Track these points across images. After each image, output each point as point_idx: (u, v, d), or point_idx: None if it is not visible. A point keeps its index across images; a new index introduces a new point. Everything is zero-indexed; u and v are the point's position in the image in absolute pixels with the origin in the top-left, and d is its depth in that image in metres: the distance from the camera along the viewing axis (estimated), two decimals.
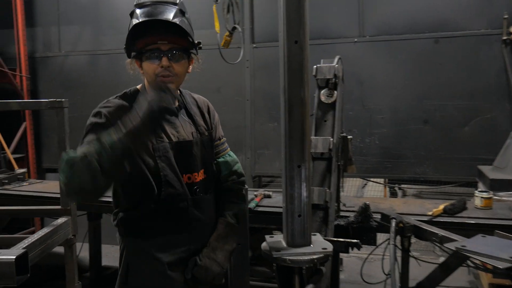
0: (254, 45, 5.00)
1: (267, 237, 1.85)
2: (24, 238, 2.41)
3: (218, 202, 2.01)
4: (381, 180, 5.64)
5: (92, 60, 5.68)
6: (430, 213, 2.93)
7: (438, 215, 2.91)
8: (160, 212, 1.80)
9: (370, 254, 2.87)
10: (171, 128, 1.85)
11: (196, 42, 1.83)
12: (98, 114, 1.75)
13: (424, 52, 4.51)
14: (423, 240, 2.34)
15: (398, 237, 2.36)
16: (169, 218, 1.82)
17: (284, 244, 1.75)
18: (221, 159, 2.03)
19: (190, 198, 1.85)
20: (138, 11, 1.74)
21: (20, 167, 5.23)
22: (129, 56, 1.82)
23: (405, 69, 4.58)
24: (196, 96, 2.05)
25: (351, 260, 4.70)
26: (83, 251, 4.46)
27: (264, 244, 1.79)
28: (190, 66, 1.87)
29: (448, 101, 4.45)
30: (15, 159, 5.45)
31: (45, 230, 2.50)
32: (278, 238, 1.82)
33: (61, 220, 2.72)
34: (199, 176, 1.90)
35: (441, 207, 2.95)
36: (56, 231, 2.60)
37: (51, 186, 4.07)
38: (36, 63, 5.93)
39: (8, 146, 5.43)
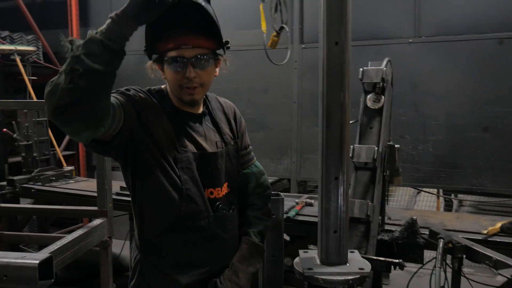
0: (303, 46, 4.85)
1: (301, 252, 1.74)
2: (59, 238, 2.41)
3: (241, 217, 1.88)
4: (435, 191, 5.32)
5: (141, 60, 5.69)
6: (485, 231, 2.68)
7: (494, 234, 2.66)
8: (179, 229, 1.67)
9: (419, 269, 2.69)
10: (195, 137, 1.71)
11: (224, 41, 1.66)
12: (126, 89, 1.66)
13: (486, 54, 4.19)
14: (475, 263, 2.13)
15: (449, 256, 2.18)
16: (188, 236, 1.68)
17: (317, 261, 1.65)
18: (247, 170, 1.90)
19: (212, 215, 1.71)
20: None
21: (70, 164, 5.36)
22: (149, 58, 1.69)
23: (464, 72, 4.28)
24: (222, 100, 1.91)
25: (398, 273, 4.43)
26: (125, 249, 4.48)
27: (296, 260, 1.69)
28: (217, 69, 1.71)
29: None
30: (66, 156, 5.61)
31: (79, 232, 2.50)
32: (312, 254, 1.70)
33: (96, 221, 2.71)
34: (223, 190, 1.76)
35: (498, 225, 2.70)
36: (90, 233, 2.59)
37: (95, 185, 4.10)
38: None
39: (60, 144, 5.58)
